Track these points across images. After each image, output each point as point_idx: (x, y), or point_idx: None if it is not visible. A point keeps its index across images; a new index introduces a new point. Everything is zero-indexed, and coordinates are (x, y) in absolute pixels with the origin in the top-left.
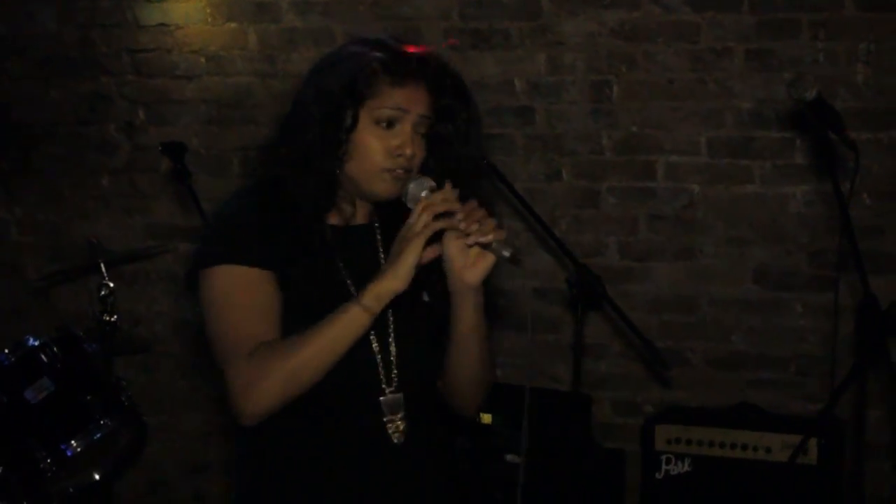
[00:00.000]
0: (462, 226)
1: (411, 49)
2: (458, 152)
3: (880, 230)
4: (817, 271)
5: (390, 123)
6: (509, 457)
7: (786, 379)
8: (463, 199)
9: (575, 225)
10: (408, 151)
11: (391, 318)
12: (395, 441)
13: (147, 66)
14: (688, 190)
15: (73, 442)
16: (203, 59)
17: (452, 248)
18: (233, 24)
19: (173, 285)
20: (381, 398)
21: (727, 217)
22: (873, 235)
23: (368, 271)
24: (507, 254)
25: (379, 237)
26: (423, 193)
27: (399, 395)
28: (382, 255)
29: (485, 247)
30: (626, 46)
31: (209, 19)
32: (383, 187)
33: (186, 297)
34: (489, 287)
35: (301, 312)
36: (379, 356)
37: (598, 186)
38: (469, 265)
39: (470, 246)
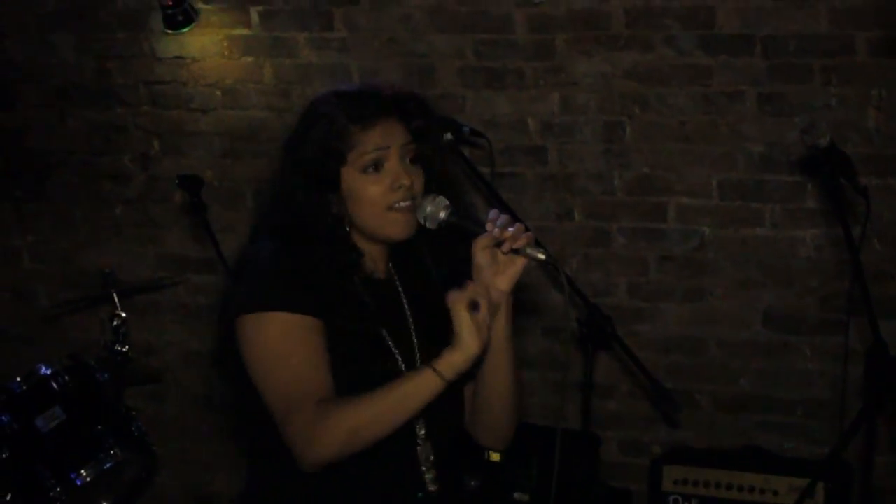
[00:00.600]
0: (496, 232)
1: (368, 89)
2: (444, 164)
3: (890, 276)
4: (827, 315)
5: (377, 166)
6: (517, 495)
7: (793, 422)
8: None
9: (585, 264)
10: (405, 181)
11: (419, 365)
12: (432, 490)
13: (163, 97)
14: (698, 231)
15: (82, 471)
16: (218, 93)
17: (482, 257)
18: (249, 59)
19: (184, 316)
20: (418, 447)
21: (737, 259)
22: (883, 280)
23: (400, 326)
24: (541, 255)
25: (401, 290)
26: (442, 214)
27: (428, 445)
28: (408, 310)
29: (516, 252)
30: (639, 88)
31: (225, 53)
32: (395, 230)
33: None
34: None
35: (342, 364)
36: None
37: (609, 226)
38: (500, 272)
39: (505, 253)
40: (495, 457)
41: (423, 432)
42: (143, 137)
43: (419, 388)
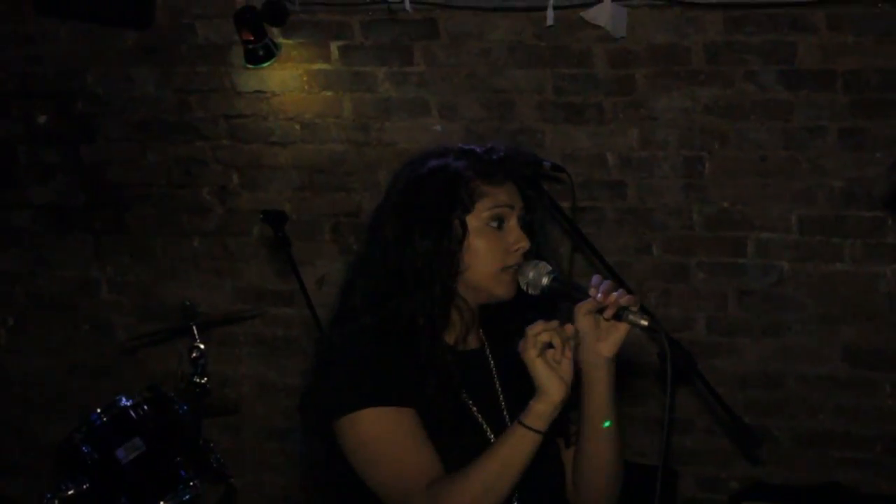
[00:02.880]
0: (600, 297)
1: (495, 150)
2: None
3: None
4: None
5: (500, 223)
6: None
7: (873, 459)
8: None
9: (664, 299)
10: (524, 244)
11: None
12: None
13: (243, 131)
14: (778, 267)
15: (162, 502)
16: (298, 126)
17: (584, 322)
18: (328, 93)
19: (261, 348)
20: None
21: (817, 295)
22: None
23: (489, 397)
24: (644, 322)
25: (492, 363)
26: (545, 280)
27: None
28: (497, 382)
29: (619, 318)
30: (719, 123)
31: (305, 87)
32: (504, 289)
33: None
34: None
35: (433, 442)
36: None
37: (688, 261)
38: (603, 337)
39: (607, 319)
40: None
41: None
42: (222, 171)
43: (516, 448)
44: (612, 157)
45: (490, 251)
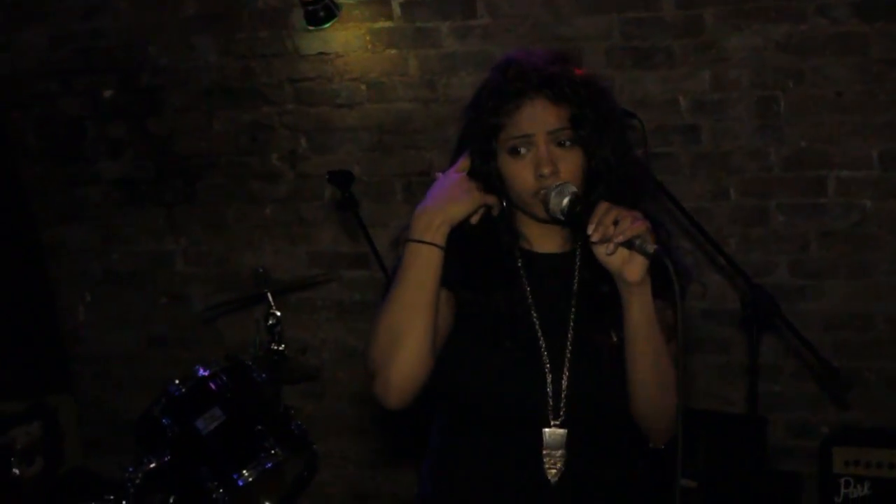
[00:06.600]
0: (595, 237)
1: (527, 65)
2: (604, 156)
3: None
4: None
5: (522, 149)
6: (684, 481)
7: None
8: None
9: (744, 244)
10: (545, 170)
11: (569, 349)
12: (550, 478)
13: (308, 94)
14: (860, 205)
15: (244, 471)
16: (364, 87)
17: (601, 250)
18: (393, 51)
19: (338, 312)
20: (545, 429)
21: None
22: None
23: (557, 298)
24: (650, 250)
25: (578, 264)
26: (565, 202)
27: (563, 431)
28: (576, 284)
29: (628, 246)
30: (793, 60)
31: (369, 47)
32: (541, 214)
33: None
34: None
35: (480, 333)
36: (550, 387)
37: (767, 204)
38: (627, 262)
39: (609, 254)
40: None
41: (562, 417)
42: (289, 136)
43: (407, 261)
44: (685, 100)
45: (517, 178)
